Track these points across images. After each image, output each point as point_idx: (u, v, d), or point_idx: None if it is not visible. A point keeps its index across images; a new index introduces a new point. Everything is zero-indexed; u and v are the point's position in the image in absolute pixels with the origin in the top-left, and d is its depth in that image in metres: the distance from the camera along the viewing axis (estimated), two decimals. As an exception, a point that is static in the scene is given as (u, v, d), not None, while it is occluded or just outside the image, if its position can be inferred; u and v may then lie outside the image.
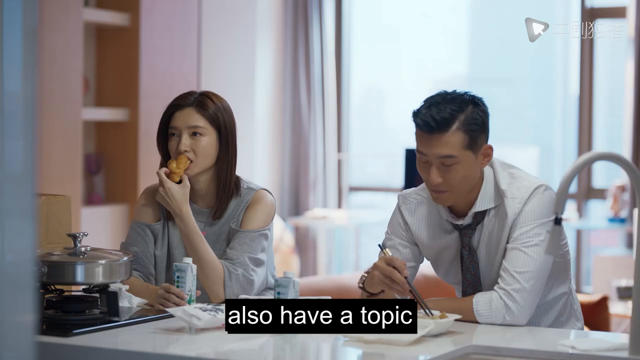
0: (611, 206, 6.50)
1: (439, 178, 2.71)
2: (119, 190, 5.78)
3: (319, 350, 2.56)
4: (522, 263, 2.73)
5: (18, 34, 1.67)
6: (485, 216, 2.81)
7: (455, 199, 2.77)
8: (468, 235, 2.84)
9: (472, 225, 2.83)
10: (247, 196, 3.10)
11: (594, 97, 6.89)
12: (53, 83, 5.21)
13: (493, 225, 2.81)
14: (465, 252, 2.85)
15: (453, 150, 2.69)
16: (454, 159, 2.69)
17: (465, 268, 2.87)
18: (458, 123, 2.69)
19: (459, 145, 2.69)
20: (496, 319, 2.72)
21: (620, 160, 2.42)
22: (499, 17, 7.89)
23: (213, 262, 2.99)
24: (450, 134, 2.68)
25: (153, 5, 5.77)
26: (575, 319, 2.97)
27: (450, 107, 2.69)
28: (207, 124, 3.06)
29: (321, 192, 7.35)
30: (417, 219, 2.91)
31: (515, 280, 2.72)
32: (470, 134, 2.70)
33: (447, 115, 2.68)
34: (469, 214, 2.80)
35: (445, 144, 2.68)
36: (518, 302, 2.71)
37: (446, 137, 2.68)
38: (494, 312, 2.72)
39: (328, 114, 7.34)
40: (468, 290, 2.89)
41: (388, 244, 2.94)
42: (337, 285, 4.83)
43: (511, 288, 2.72)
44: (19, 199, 1.67)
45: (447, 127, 2.68)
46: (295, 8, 7.31)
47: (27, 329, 1.69)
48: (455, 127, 2.69)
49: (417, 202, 2.92)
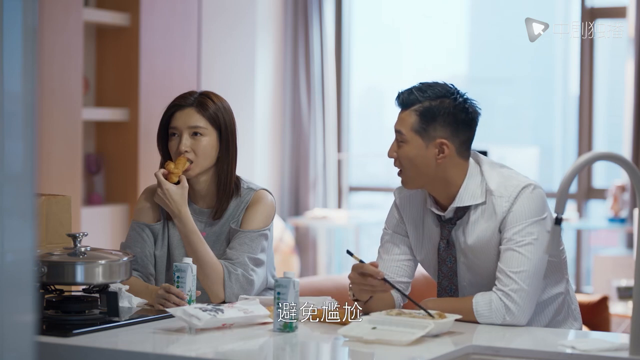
0: (611, 206, 6.50)
1: (394, 152, 2.87)
2: (119, 190, 5.78)
3: (319, 350, 2.56)
4: (517, 263, 2.75)
5: (18, 34, 1.67)
6: (468, 212, 2.85)
7: (412, 184, 2.87)
8: (447, 229, 2.88)
9: (453, 220, 2.87)
10: (247, 196, 3.10)
11: (594, 97, 6.89)
12: (53, 83, 5.21)
13: (479, 222, 2.84)
14: (442, 244, 2.90)
15: (403, 128, 2.84)
16: (403, 136, 2.84)
17: (441, 260, 2.91)
18: (417, 107, 2.83)
19: (409, 125, 2.83)
20: (496, 319, 2.73)
21: (620, 160, 2.42)
22: (499, 17, 7.89)
23: (212, 262, 2.99)
24: (407, 113, 2.84)
25: (153, 5, 5.77)
26: (573, 319, 2.97)
27: (421, 93, 2.84)
28: (207, 124, 3.06)
29: (321, 192, 7.35)
30: (408, 209, 2.99)
31: (513, 280, 2.74)
32: (423, 120, 2.82)
33: (412, 97, 2.84)
34: (449, 207, 2.85)
35: (400, 120, 2.86)
36: (517, 302, 2.72)
37: (403, 114, 2.85)
38: (494, 312, 2.73)
39: (328, 114, 7.33)
40: (444, 282, 2.92)
41: (385, 239, 3.01)
42: (337, 285, 4.83)
43: (509, 289, 2.73)
44: (18, 199, 1.67)
45: (406, 107, 2.85)
46: (295, 8, 7.31)
47: (27, 329, 1.69)
48: (413, 109, 2.83)
49: (409, 194, 2.98)
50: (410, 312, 2.65)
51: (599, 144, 6.97)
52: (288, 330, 2.58)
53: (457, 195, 2.84)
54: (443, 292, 2.94)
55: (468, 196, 2.84)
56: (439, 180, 2.85)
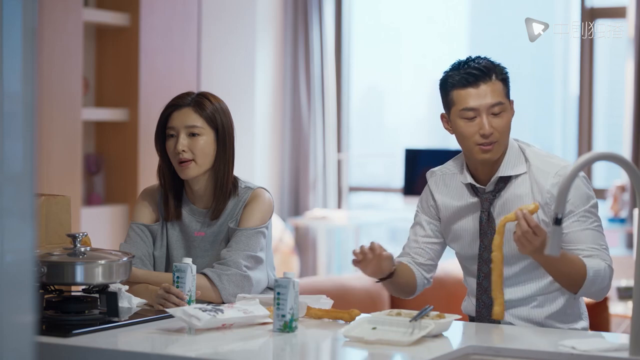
0: (611, 206, 6.50)
1: (491, 128, 2.83)
2: (119, 191, 5.78)
3: (319, 351, 2.56)
4: (601, 239, 2.85)
5: (18, 34, 1.66)
6: (508, 183, 2.89)
7: (500, 151, 2.86)
8: (489, 201, 2.91)
9: (494, 192, 2.91)
10: (245, 195, 3.10)
11: (594, 97, 6.89)
12: (53, 83, 5.21)
13: (518, 193, 2.88)
14: (484, 217, 2.92)
15: (500, 97, 2.84)
16: (502, 105, 2.84)
17: (482, 232, 2.93)
18: (495, 73, 2.86)
19: (502, 92, 2.85)
20: (598, 286, 2.79)
21: (620, 160, 2.42)
22: (499, 17, 7.89)
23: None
24: (494, 82, 2.85)
25: (153, 5, 5.77)
26: (581, 317, 2.98)
27: (482, 62, 2.86)
28: (204, 124, 3.06)
29: (321, 192, 7.34)
30: (441, 188, 3.02)
31: (608, 255, 2.84)
32: (505, 83, 2.87)
33: (484, 67, 2.84)
34: (492, 179, 2.90)
35: (493, 92, 2.84)
36: (611, 276, 2.83)
37: (491, 85, 2.84)
38: (600, 280, 2.78)
39: (328, 114, 7.33)
40: (484, 254, 2.92)
41: (415, 220, 3.05)
42: (337, 285, 4.83)
43: (610, 262, 2.83)
44: (18, 199, 1.67)
45: (490, 76, 2.84)
46: (295, 8, 7.31)
47: (27, 329, 1.69)
48: (494, 77, 2.85)
49: (442, 174, 3.03)
50: (410, 313, 2.65)
51: (599, 144, 6.97)
52: (288, 331, 2.58)
53: (501, 164, 2.89)
54: (483, 265, 2.93)
55: (510, 166, 2.89)
56: None
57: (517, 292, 2.91)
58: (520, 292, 2.90)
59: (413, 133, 7.89)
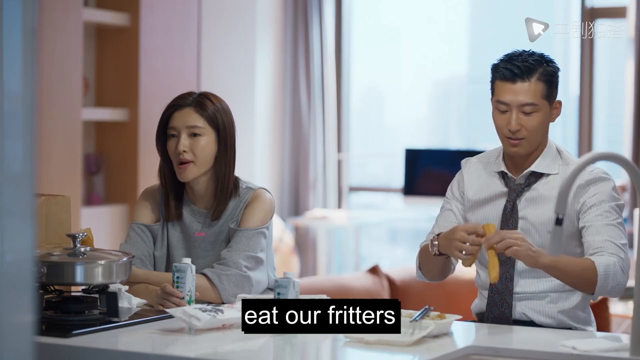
0: (611, 206, 6.49)
1: (519, 125, 2.90)
2: (119, 191, 5.78)
3: (319, 351, 2.56)
4: (620, 236, 2.90)
5: (18, 34, 1.66)
6: (539, 179, 2.94)
7: (529, 148, 2.93)
8: (516, 192, 2.95)
9: (523, 185, 2.95)
10: (246, 195, 3.09)
11: (594, 97, 6.89)
12: (53, 83, 5.21)
13: (547, 195, 2.91)
14: (509, 206, 2.96)
15: (534, 98, 2.90)
16: (535, 106, 2.91)
17: (505, 219, 2.95)
18: (538, 74, 2.91)
19: (539, 94, 2.90)
20: (611, 282, 2.80)
21: (620, 160, 2.42)
22: (499, 17, 7.88)
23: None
24: (532, 82, 2.91)
25: (153, 5, 5.77)
26: (591, 324, 3.00)
27: (530, 59, 2.93)
28: (205, 124, 3.06)
29: (321, 192, 7.34)
30: (472, 174, 3.06)
31: (623, 251, 2.87)
32: (548, 84, 2.93)
33: (529, 65, 2.91)
34: (524, 172, 2.95)
35: (527, 92, 2.90)
36: (626, 271, 2.85)
37: (528, 85, 2.91)
38: (612, 275, 2.79)
39: (328, 114, 7.33)
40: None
41: (444, 207, 3.08)
42: (337, 285, 4.83)
43: (623, 256, 2.86)
44: (18, 199, 1.67)
45: (529, 76, 2.90)
46: (295, 8, 7.31)
47: (27, 329, 1.69)
48: (536, 77, 2.91)
49: (477, 161, 3.09)
50: (411, 313, 2.65)
51: (599, 144, 6.97)
52: (288, 331, 2.58)
53: (536, 160, 2.94)
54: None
55: (545, 163, 2.95)
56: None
57: (532, 285, 2.93)
58: (535, 287, 2.93)
59: (413, 133, 7.89)
